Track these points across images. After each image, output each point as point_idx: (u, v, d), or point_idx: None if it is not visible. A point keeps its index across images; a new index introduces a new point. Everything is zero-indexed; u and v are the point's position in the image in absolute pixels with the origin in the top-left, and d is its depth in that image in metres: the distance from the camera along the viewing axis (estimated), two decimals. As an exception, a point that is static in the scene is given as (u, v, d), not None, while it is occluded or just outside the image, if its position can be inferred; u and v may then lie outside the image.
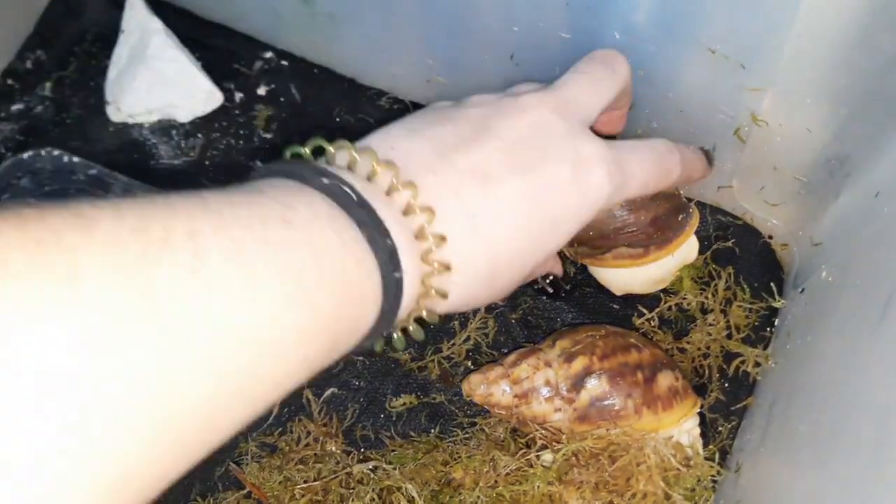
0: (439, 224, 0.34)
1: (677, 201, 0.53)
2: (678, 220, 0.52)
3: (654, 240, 0.51)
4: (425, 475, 0.50)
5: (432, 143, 0.37)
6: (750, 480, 0.46)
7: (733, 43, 0.45)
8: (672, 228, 0.52)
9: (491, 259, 0.37)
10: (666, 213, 0.52)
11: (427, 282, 0.34)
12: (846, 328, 0.40)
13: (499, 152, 0.38)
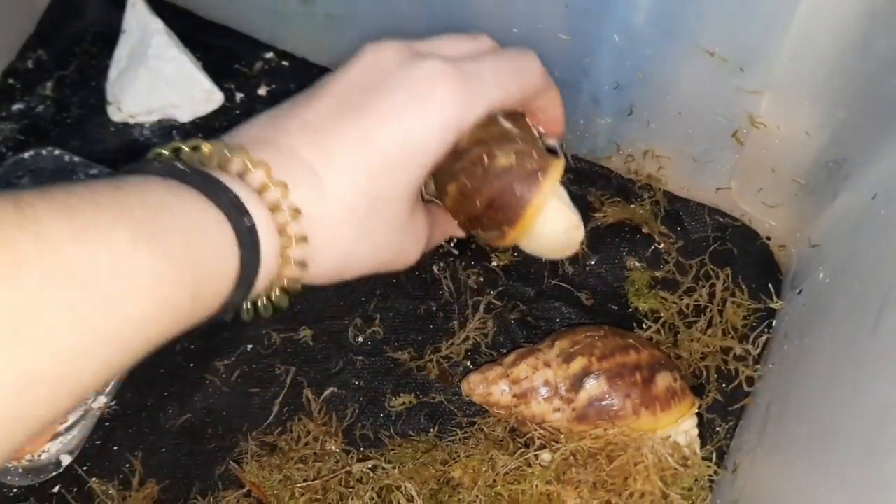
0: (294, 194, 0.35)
1: (515, 173, 0.45)
2: (516, 194, 0.45)
3: (498, 221, 0.46)
4: (424, 474, 0.50)
5: (269, 117, 0.39)
6: (747, 480, 0.46)
7: (732, 45, 0.46)
8: (512, 205, 0.45)
9: (349, 213, 0.37)
10: (501, 190, 0.45)
11: (286, 253, 0.35)
12: (842, 331, 0.41)
13: (327, 105, 0.38)
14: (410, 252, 0.43)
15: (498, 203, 0.45)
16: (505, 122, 0.45)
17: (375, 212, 0.38)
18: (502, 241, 0.47)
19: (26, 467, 0.54)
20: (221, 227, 0.33)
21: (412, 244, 0.43)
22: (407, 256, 0.43)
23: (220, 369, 0.57)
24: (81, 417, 0.55)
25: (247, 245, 0.33)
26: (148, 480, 0.54)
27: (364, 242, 0.38)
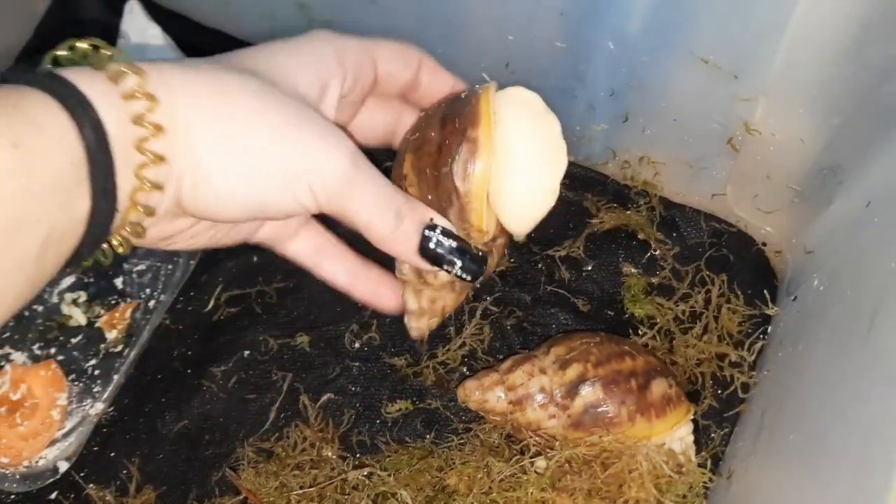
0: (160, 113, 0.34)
1: (452, 94, 0.44)
2: (461, 98, 0.42)
3: (460, 128, 0.41)
4: (420, 481, 0.50)
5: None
6: (741, 487, 0.46)
7: (726, 53, 0.46)
8: (462, 106, 0.42)
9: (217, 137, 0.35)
10: (446, 107, 0.43)
11: (141, 173, 0.33)
12: (835, 339, 0.41)
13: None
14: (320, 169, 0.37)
15: (450, 115, 0.42)
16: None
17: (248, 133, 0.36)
18: (476, 159, 0.40)
19: (23, 474, 0.54)
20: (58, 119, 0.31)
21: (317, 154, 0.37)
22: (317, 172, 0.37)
23: (217, 375, 0.57)
24: (79, 424, 0.55)
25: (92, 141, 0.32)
26: (145, 487, 0.54)
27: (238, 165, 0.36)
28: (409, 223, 0.40)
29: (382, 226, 0.40)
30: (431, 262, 0.41)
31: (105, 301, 0.59)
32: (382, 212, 0.39)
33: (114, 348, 0.58)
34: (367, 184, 0.39)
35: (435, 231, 0.41)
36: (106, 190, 0.32)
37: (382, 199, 0.39)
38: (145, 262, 0.61)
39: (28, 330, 0.58)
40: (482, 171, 0.40)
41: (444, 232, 0.41)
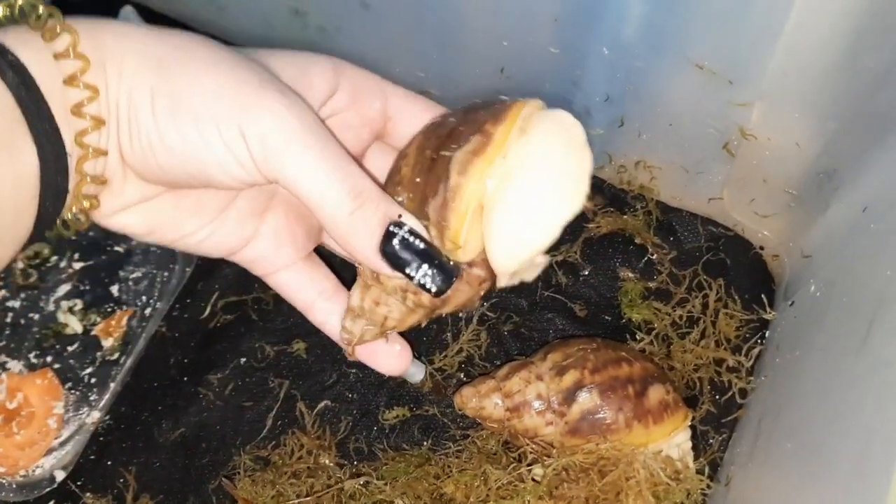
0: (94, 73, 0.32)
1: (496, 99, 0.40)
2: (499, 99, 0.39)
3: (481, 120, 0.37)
4: (417, 489, 0.50)
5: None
6: (740, 494, 0.46)
7: (721, 58, 0.46)
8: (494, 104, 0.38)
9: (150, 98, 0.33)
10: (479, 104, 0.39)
11: (82, 140, 0.32)
12: (832, 345, 0.41)
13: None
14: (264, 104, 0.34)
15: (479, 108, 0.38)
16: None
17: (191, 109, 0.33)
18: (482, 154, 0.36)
19: (20, 483, 0.54)
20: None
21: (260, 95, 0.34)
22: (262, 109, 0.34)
23: (213, 383, 0.57)
24: (75, 432, 0.55)
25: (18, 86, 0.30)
26: (142, 495, 0.54)
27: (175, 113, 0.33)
28: (372, 211, 0.35)
29: (336, 202, 0.34)
30: (392, 263, 0.36)
31: (101, 309, 0.59)
32: (337, 186, 0.34)
33: (110, 356, 0.58)
34: (313, 142, 0.33)
35: (401, 229, 0.36)
36: (49, 134, 0.31)
37: (336, 166, 0.34)
38: (141, 269, 0.61)
39: (24, 338, 0.58)
40: (482, 170, 0.35)
41: (412, 231, 0.36)
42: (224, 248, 0.41)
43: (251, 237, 0.41)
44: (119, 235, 0.61)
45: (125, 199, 0.36)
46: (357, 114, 0.40)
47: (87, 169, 0.33)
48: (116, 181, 0.35)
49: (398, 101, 0.41)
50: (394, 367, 0.44)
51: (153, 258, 0.61)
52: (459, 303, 0.39)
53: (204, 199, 0.38)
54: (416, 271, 0.36)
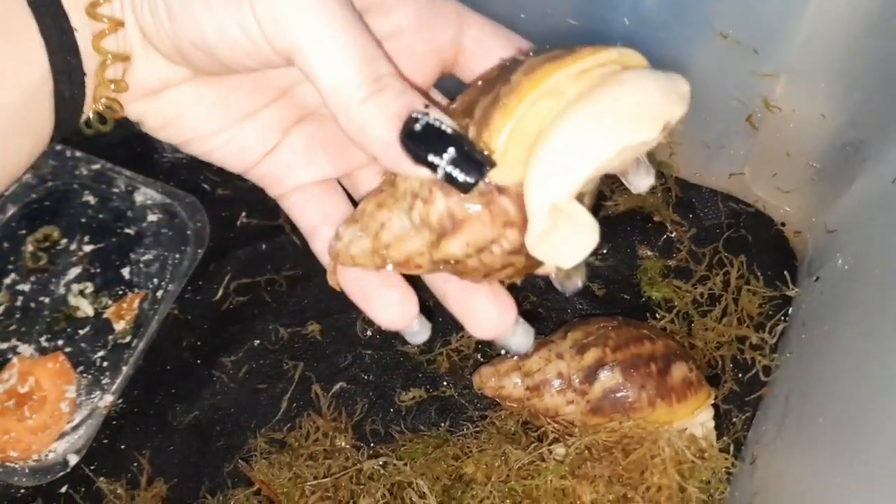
0: None
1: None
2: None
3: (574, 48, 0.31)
4: (436, 470, 0.49)
5: None
6: (766, 472, 0.45)
7: (746, 27, 0.45)
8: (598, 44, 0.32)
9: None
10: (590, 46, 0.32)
11: (94, 12, 0.30)
12: (865, 319, 0.40)
13: None
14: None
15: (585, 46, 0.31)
16: None
17: None
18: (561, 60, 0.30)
19: (33, 468, 0.53)
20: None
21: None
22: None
23: (227, 366, 0.56)
24: (88, 416, 0.55)
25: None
26: (156, 479, 0.53)
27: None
28: (392, 97, 0.30)
29: (351, 87, 0.29)
30: (413, 154, 0.29)
31: (112, 292, 0.59)
32: (354, 65, 0.29)
33: (122, 339, 0.57)
34: (339, 22, 0.29)
35: (427, 116, 0.29)
36: (48, 8, 0.29)
37: (358, 44, 0.29)
38: (152, 251, 0.60)
39: (35, 322, 0.57)
40: (551, 74, 0.29)
41: (438, 118, 0.30)
42: (238, 160, 0.37)
43: (269, 152, 0.37)
44: (129, 218, 0.61)
45: (147, 83, 0.33)
46: (423, 39, 0.34)
47: (106, 46, 0.31)
48: (138, 59, 0.32)
49: (475, 32, 0.35)
50: (390, 317, 0.36)
51: (164, 240, 0.60)
52: (472, 239, 0.31)
53: (230, 98, 0.35)
54: (442, 158, 0.29)
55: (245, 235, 0.61)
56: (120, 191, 0.62)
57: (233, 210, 0.61)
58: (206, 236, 0.60)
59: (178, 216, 0.61)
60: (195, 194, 0.61)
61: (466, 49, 0.35)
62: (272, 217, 0.61)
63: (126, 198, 0.62)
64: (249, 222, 0.61)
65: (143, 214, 0.61)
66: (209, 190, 0.62)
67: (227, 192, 0.62)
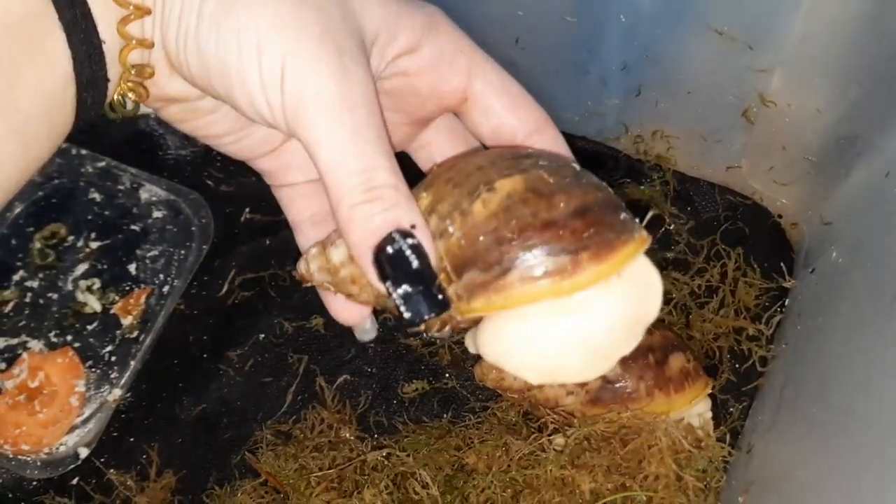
0: None
1: (613, 199, 0.35)
2: (620, 218, 0.34)
3: (584, 241, 0.32)
4: (439, 460, 0.50)
5: None
6: (762, 461, 0.46)
7: (741, 24, 0.45)
8: (613, 228, 0.33)
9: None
10: (600, 203, 0.34)
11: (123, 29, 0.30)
12: (858, 310, 0.40)
13: None
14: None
15: (592, 215, 0.33)
16: None
17: None
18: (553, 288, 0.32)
19: (44, 460, 0.54)
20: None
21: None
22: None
23: (233, 359, 0.57)
24: (97, 410, 0.56)
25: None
26: (165, 471, 0.54)
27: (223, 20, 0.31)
28: (379, 210, 0.31)
29: (344, 185, 0.31)
30: (379, 270, 0.32)
31: (119, 287, 0.60)
32: (352, 166, 0.31)
33: (129, 334, 0.58)
34: (347, 118, 0.30)
35: (405, 240, 0.31)
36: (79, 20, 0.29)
37: (361, 151, 0.31)
38: (158, 247, 0.61)
39: (43, 318, 0.59)
40: (542, 295, 0.32)
41: (416, 248, 0.32)
42: (244, 154, 0.39)
43: (272, 151, 0.39)
44: (135, 214, 0.62)
45: (166, 93, 0.35)
46: (429, 83, 0.36)
47: (131, 59, 0.31)
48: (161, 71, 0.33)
49: (482, 86, 0.37)
50: (345, 314, 0.40)
51: (169, 236, 0.61)
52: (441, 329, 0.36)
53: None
54: (398, 289, 0.32)
55: (249, 231, 0.61)
56: (125, 188, 0.63)
57: (237, 206, 0.62)
58: (211, 232, 0.61)
59: (183, 213, 0.62)
60: (199, 191, 0.62)
61: (471, 99, 0.37)
62: (276, 213, 0.61)
63: (131, 195, 0.62)
64: (253, 218, 0.62)
65: (149, 211, 0.62)
66: (213, 186, 0.63)
67: (230, 188, 0.63)
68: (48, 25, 0.29)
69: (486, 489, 0.47)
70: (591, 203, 0.33)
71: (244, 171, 0.62)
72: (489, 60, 0.37)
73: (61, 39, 0.30)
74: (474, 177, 0.34)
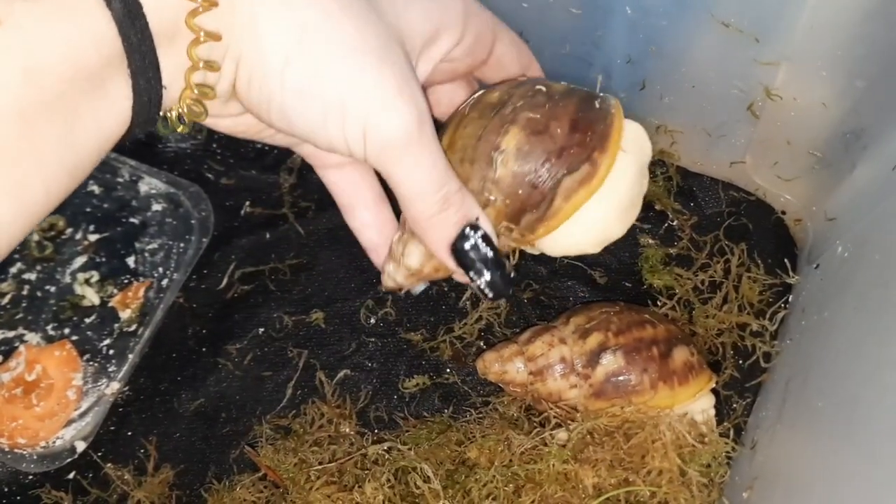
0: None
1: (581, 93, 0.42)
2: (595, 106, 0.42)
3: (589, 145, 0.40)
4: (440, 455, 0.50)
5: None
6: (767, 457, 0.46)
7: (747, 16, 0.45)
8: (598, 119, 0.41)
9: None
10: (578, 108, 0.41)
11: (192, 51, 0.31)
12: (864, 304, 0.40)
13: None
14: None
15: (582, 122, 0.40)
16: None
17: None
18: (588, 190, 0.41)
19: (41, 454, 0.54)
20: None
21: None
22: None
23: (232, 353, 0.57)
24: (95, 403, 0.55)
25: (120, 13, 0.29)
26: (163, 465, 0.54)
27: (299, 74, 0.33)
28: (453, 213, 0.37)
29: (424, 206, 0.37)
30: (459, 263, 0.39)
31: (117, 280, 0.59)
32: (431, 190, 0.36)
33: (128, 327, 0.58)
34: (424, 154, 0.35)
35: (475, 233, 0.38)
36: (149, 84, 0.30)
37: (436, 177, 0.36)
38: (157, 240, 0.60)
39: (41, 310, 0.58)
40: (583, 199, 0.41)
41: (485, 237, 0.38)
42: (285, 142, 0.42)
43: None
44: (134, 207, 0.61)
45: (223, 111, 0.36)
46: (467, 64, 0.42)
47: (194, 78, 0.32)
48: (215, 106, 0.35)
49: (503, 48, 0.43)
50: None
51: (169, 229, 0.61)
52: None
53: None
54: (480, 277, 0.39)
55: (249, 224, 0.61)
56: (124, 180, 0.62)
57: (237, 199, 0.62)
58: (211, 225, 0.61)
59: (183, 205, 0.61)
60: (199, 184, 0.62)
61: (490, 63, 0.43)
62: (276, 206, 0.61)
63: (131, 187, 0.62)
64: (253, 211, 0.61)
65: (148, 204, 0.61)
66: (213, 179, 0.62)
67: (231, 181, 0.62)
68: (118, 73, 0.30)
69: (488, 483, 0.47)
70: (574, 113, 0.41)
71: (244, 163, 0.63)
72: (499, 21, 0.42)
73: (126, 86, 0.30)
74: (480, 147, 0.41)
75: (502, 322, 0.56)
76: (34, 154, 0.28)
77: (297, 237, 0.60)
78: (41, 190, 0.29)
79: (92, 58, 0.29)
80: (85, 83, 0.29)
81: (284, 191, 0.62)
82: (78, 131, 0.29)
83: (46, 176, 0.29)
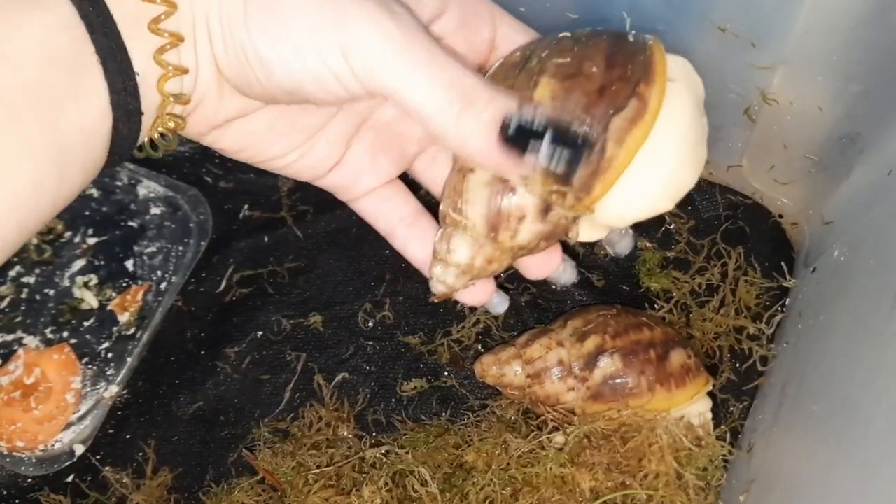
0: None
1: (610, 31, 0.39)
2: (632, 40, 0.37)
3: (632, 78, 0.35)
4: (438, 458, 0.50)
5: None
6: (763, 460, 0.46)
7: (743, 20, 0.45)
8: (638, 51, 0.37)
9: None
10: (611, 43, 0.37)
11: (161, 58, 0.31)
12: (860, 308, 0.40)
13: None
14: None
15: (618, 57, 0.35)
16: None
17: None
18: (640, 122, 0.35)
19: (40, 457, 0.54)
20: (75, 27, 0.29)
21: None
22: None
23: (230, 356, 0.57)
24: (93, 407, 0.55)
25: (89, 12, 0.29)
26: (161, 468, 0.54)
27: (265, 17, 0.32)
28: (483, 107, 0.32)
29: (443, 112, 0.32)
30: (515, 151, 0.32)
31: (116, 284, 0.59)
32: (441, 92, 0.32)
33: (126, 331, 0.58)
34: (417, 56, 0.31)
35: (519, 115, 0.32)
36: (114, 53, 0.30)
37: (439, 75, 0.32)
38: (155, 244, 0.60)
39: (40, 314, 0.58)
40: (639, 140, 0.35)
41: (532, 114, 0.33)
42: (309, 173, 0.40)
43: (337, 163, 0.40)
44: (133, 210, 0.62)
45: (222, 115, 0.35)
46: (464, 39, 0.38)
47: (168, 88, 0.32)
48: (211, 97, 0.34)
49: (507, 30, 0.39)
50: (477, 299, 0.43)
51: (167, 232, 0.61)
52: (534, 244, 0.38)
53: (299, 121, 0.38)
54: (540, 154, 0.33)
55: (247, 228, 0.61)
56: (123, 184, 0.62)
57: (235, 202, 0.62)
58: (209, 229, 0.61)
59: (181, 209, 0.61)
60: (198, 187, 0.62)
61: (499, 47, 0.40)
62: (274, 209, 0.61)
63: (129, 191, 0.62)
64: (252, 214, 0.62)
65: (147, 207, 0.62)
66: (211, 183, 0.63)
67: (229, 184, 0.62)
68: (87, 59, 0.30)
69: (486, 487, 0.47)
70: (607, 49, 0.36)
71: (243, 167, 0.63)
72: (500, 8, 0.40)
73: (99, 73, 0.30)
74: None
75: (500, 325, 0.56)
76: (19, 142, 0.28)
77: (296, 240, 0.60)
78: (28, 181, 0.29)
79: (63, 42, 0.29)
80: (61, 70, 0.29)
81: (283, 194, 0.62)
82: (61, 123, 0.29)
83: (33, 167, 0.29)
